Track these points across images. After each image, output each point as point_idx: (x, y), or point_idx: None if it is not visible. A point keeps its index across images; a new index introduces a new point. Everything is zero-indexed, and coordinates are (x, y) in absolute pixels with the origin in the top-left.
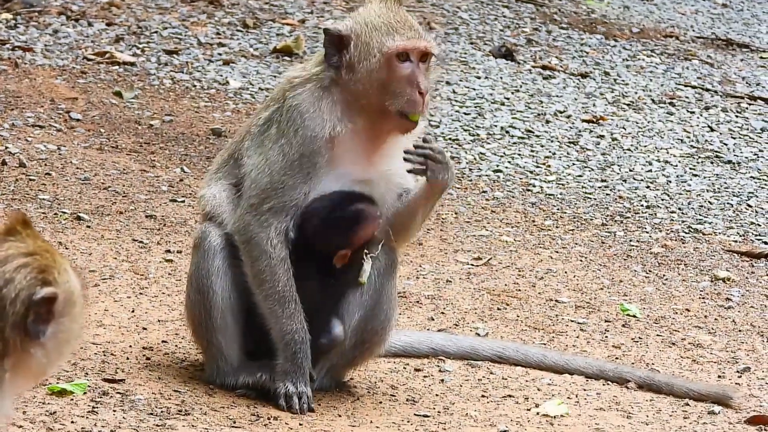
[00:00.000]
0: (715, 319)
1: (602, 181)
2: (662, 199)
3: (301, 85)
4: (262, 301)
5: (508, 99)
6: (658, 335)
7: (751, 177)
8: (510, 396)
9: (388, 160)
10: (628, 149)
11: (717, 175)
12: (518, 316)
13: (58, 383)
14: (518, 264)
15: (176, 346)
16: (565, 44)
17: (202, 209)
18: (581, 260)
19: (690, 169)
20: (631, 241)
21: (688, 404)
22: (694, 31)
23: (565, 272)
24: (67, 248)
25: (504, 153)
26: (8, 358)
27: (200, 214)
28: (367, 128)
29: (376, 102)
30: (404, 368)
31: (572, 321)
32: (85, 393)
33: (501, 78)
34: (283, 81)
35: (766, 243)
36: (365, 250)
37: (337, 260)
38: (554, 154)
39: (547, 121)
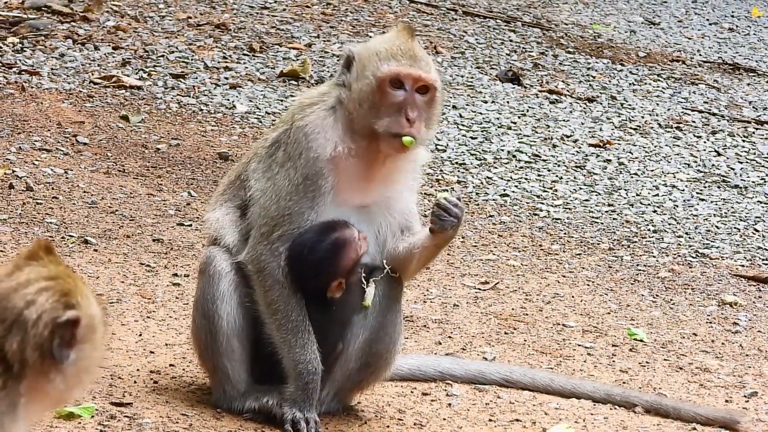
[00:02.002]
0: (723, 343)
1: (609, 205)
2: (669, 224)
3: (309, 107)
4: (275, 330)
5: (514, 123)
6: (665, 360)
7: (758, 201)
8: (517, 420)
9: (388, 186)
10: (635, 173)
11: (724, 199)
12: (525, 341)
13: (65, 407)
14: (525, 288)
15: (184, 369)
16: (571, 68)
17: (205, 232)
18: (588, 284)
19: (697, 193)
20: (638, 265)
21: (695, 429)
22: (700, 55)
23: (573, 296)
24: (74, 272)
25: (511, 177)
26: (24, 381)
27: (205, 237)
28: (365, 151)
29: (367, 123)
30: (411, 392)
31: (579, 345)
32: (92, 416)
33: (508, 102)
34: (295, 103)
35: None
36: (363, 274)
37: (331, 292)
38: (561, 178)
39: (554, 146)
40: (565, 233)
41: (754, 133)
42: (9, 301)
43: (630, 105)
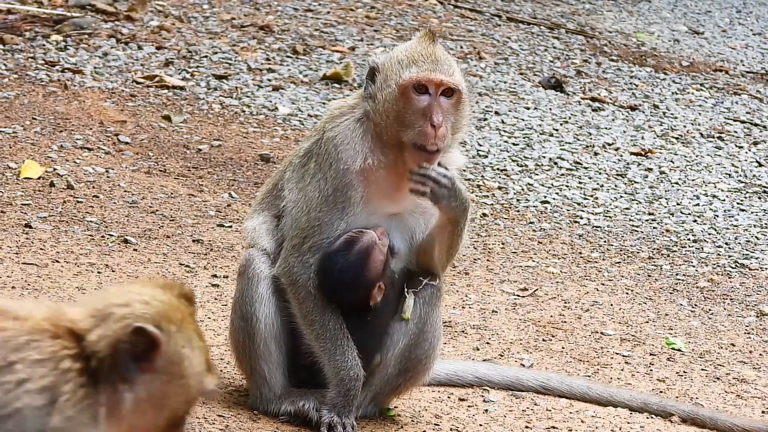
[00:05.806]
0: (760, 354)
1: (649, 214)
2: (709, 234)
3: (339, 117)
4: (314, 340)
5: (556, 130)
6: (702, 369)
7: None
8: (554, 428)
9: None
10: (676, 183)
11: (765, 210)
12: (563, 348)
13: None
14: (564, 295)
15: (221, 371)
16: (614, 76)
17: (245, 240)
18: (627, 293)
19: (737, 203)
20: (677, 274)
21: None
22: (743, 65)
23: (611, 305)
24: (113, 271)
25: (552, 184)
26: (101, 390)
27: (246, 243)
28: (395, 161)
29: (393, 134)
30: (448, 397)
31: (617, 354)
32: None
33: (550, 109)
34: (326, 113)
35: None
36: (406, 289)
37: (373, 299)
38: (602, 186)
39: (596, 153)
40: (605, 241)
41: None
42: (113, 297)
43: (672, 114)
